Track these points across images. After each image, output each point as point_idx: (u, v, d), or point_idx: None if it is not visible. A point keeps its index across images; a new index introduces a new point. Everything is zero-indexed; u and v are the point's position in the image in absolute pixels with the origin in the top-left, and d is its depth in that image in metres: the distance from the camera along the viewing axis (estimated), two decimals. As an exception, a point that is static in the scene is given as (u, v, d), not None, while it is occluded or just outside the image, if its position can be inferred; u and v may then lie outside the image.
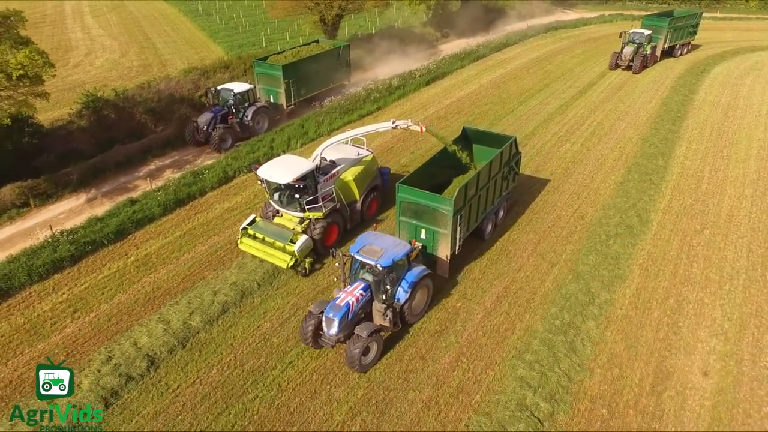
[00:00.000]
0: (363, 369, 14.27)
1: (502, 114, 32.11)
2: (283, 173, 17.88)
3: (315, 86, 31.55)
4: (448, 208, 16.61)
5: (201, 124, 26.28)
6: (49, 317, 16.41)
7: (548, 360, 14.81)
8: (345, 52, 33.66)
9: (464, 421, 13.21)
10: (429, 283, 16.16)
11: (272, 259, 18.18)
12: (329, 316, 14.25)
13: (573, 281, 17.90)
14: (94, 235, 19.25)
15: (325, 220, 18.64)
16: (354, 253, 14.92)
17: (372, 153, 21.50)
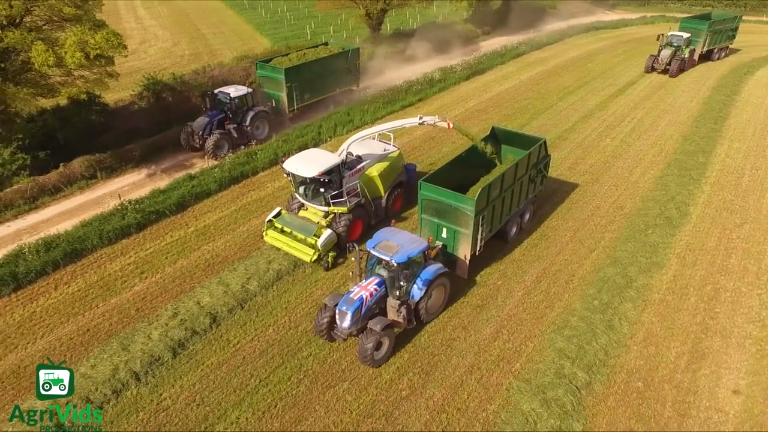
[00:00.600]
0: (375, 364, 14.24)
1: (541, 109, 32.62)
2: (308, 167, 17.81)
3: (320, 91, 30.07)
4: (470, 207, 16.24)
5: (196, 129, 24.79)
6: (119, 276, 17.81)
7: (586, 335, 15.49)
8: (354, 56, 31.87)
9: (505, 385, 14.03)
10: (446, 282, 15.94)
11: (296, 252, 18.24)
12: (342, 309, 14.31)
13: (611, 266, 18.50)
14: (158, 205, 20.65)
15: (349, 214, 18.54)
16: (370, 248, 14.79)
17: (398, 149, 21.38)
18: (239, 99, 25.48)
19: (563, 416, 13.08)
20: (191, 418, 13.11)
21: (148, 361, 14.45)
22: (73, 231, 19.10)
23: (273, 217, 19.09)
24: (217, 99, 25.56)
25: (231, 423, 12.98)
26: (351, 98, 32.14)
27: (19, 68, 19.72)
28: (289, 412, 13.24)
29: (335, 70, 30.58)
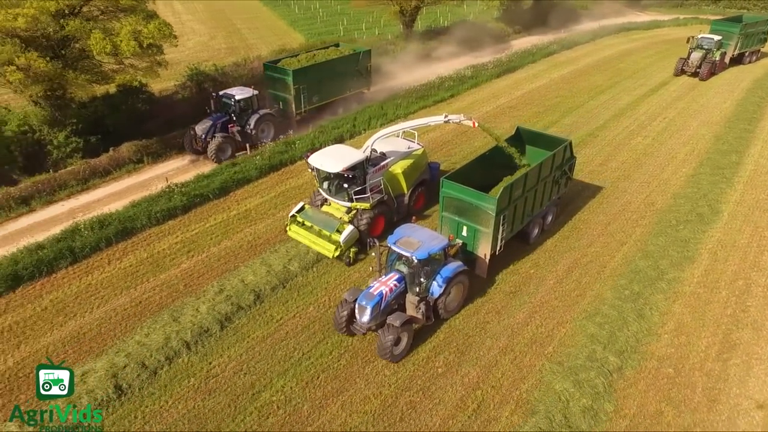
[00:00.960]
0: (394, 359, 14.39)
1: (572, 107, 32.87)
2: (333, 162, 17.96)
3: (329, 93, 29.20)
4: (492, 206, 16.20)
5: (199, 132, 24.18)
6: (168, 254, 18.75)
7: (617, 323, 15.91)
8: (365, 58, 30.90)
9: (538, 366, 14.54)
10: (465, 280, 15.98)
11: (318, 247, 18.46)
12: (362, 304, 14.41)
13: (642, 258, 18.83)
14: (202, 189, 21.58)
15: (371, 211, 18.66)
16: (391, 244, 14.90)
17: (422, 147, 21.31)
18: (244, 101, 24.83)
19: (595, 397, 13.55)
20: (239, 385, 13.89)
21: (198, 332, 15.30)
22: (124, 211, 20.11)
23: (296, 212, 19.35)
24: (222, 101, 24.94)
25: (276, 391, 13.73)
26: (362, 101, 31.45)
27: (77, 55, 20.80)
28: (331, 383, 13.95)
29: (345, 72, 29.75)
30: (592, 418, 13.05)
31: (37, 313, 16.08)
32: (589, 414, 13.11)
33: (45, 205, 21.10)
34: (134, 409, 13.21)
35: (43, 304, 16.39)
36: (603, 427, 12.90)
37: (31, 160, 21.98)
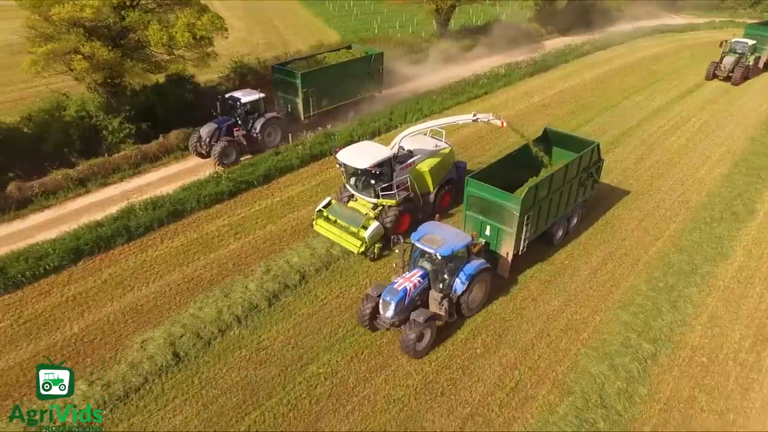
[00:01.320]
0: (417, 355, 14.54)
1: (606, 107, 33.09)
2: (361, 158, 18.21)
3: (339, 97, 28.61)
4: (516, 206, 16.22)
5: (203, 135, 23.71)
6: (216, 236, 19.71)
7: (651, 312, 16.34)
8: (377, 60, 30.18)
9: (573, 351, 15.07)
10: (487, 278, 16.09)
11: (343, 242, 18.64)
12: (386, 299, 14.56)
13: (676, 253, 19.18)
14: (247, 176, 22.52)
15: (397, 208, 18.79)
16: (415, 240, 15.02)
17: (450, 146, 21.32)
18: (250, 105, 24.29)
19: (630, 380, 14.04)
20: (287, 357, 14.72)
21: (247, 308, 16.17)
22: (174, 194, 21.14)
23: (323, 207, 19.60)
24: (228, 104, 24.45)
25: (323, 364, 14.51)
26: (374, 104, 30.71)
27: (135, 45, 21.92)
28: (375, 359, 14.68)
29: (356, 75, 29.14)
30: (627, 400, 13.55)
31: (98, 285, 17.15)
32: (624, 396, 13.62)
33: (100, 186, 22.27)
34: (191, 375, 14.12)
35: (103, 277, 17.46)
36: (637, 410, 13.38)
37: (88, 144, 23.14)
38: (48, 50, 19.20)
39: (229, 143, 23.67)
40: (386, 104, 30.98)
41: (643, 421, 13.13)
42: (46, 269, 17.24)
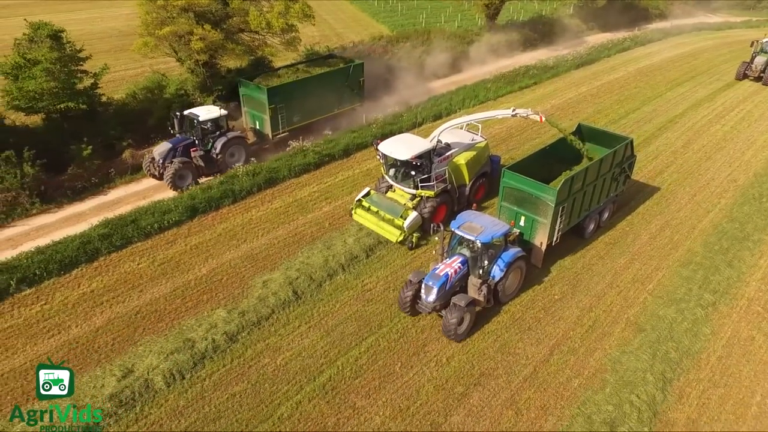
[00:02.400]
0: (458, 338, 15.04)
1: (651, 97, 34.80)
2: (403, 150, 18.71)
3: (313, 112, 26.49)
4: (552, 198, 16.60)
5: (156, 156, 21.86)
6: (309, 200, 22.04)
7: (710, 269, 18.27)
8: (357, 71, 28.02)
9: (641, 299, 17.05)
10: (523, 266, 16.56)
11: (382, 231, 19.24)
12: (429, 284, 15.07)
13: (728, 222, 21.02)
14: (329, 150, 24.86)
15: (435, 199, 19.23)
16: (454, 228, 15.57)
17: (485, 140, 21.79)
18: (210, 123, 22.33)
19: (694, 322, 16.01)
20: (390, 297, 16.91)
21: (349, 258, 18.40)
22: (269, 164, 23.53)
23: (362, 197, 20.18)
24: (186, 122, 22.47)
25: (422, 303, 16.69)
26: (354, 119, 28.60)
27: (235, 29, 24.34)
28: (466, 300, 16.80)
29: (333, 88, 26.93)
30: (693, 336, 15.53)
31: (214, 237, 19.57)
32: (690, 333, 15.60)
33: (195, 159, 24.77)
34: (310, 309, 16.40)
35: (217, 231, 19.88)
36: (702, 345, 15.34)
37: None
38: (168, 32, 21.76)
39: (184, 165, 21.71)
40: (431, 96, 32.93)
41: (709, 353, 15.09)
42: (169, 222, 19.73)
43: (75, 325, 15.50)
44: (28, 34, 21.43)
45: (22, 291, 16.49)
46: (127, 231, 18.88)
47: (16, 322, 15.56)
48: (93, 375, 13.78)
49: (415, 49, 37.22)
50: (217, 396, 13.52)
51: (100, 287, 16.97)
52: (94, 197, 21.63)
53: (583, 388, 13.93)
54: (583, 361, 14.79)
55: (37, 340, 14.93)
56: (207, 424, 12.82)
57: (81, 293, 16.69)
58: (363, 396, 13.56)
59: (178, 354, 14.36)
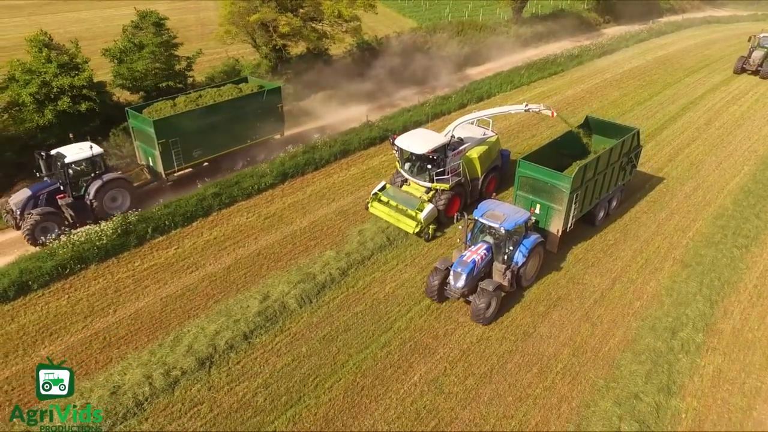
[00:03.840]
0: (486, 321, 15.70)
1: (670, 82, 37.69)
2: (419, 144, 19.34)
3: (220, 146, 22.78)
4: (566, 185, 17.29)
5: (13, 206, 18.71)
6: (380, 168, 24.84)
7: (740, 220, 21.13)
8: (273, 97, 24.21)
9: (684, 242, 19.86)
10: (541, 251, 17.41)
11: (399, 223, 19.78)
12: (457, 271, 15.66)
13: (753, 184, 23.94)
14: (390, 126, 27.63)
15: (449, 192, 19.88)
16: (478, 216, 16.16)
17: (496, 135, 22.53)
18: (84, 164, 19.18)
19: (732, 259, 18.87)
20: (468, 243, 19.69)
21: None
22: (341, 136, 26.36)
23: (378, 190, 20.84)
24: (53, 162, 19.02)
25: (497, 247, 19.47)
26: (274, 150, 25.03)
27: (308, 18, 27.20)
28: (535, 245, 19.60)
29: (243, 117, 23.12)
30: (732, 269, 18.37)
31: (306, 197, 22.38)
32: (729, 267, 18.44)
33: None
34: (402, 252, 19.18)
35: (308, 193, 22.71)
36: (739, 276, 18.13)
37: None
38: (257, 18, 24.59)
39: (46, 216, 18.42)
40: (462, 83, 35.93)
41: (746, 282, 17.92)
42: (265, 185, 22.58)
43: (208, 263, 18.34)
44: (134, 21, 24.23)
45: (156, 238, 19.37)
46: (233, 191, 21.73)
47: (158, 261, 18.41)
48: (236, 299, 16.61)
49: (451, 39, 40.06)
50: (342, 314, 16.32)
51: (220, 236, 19.80)
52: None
53: (644, 307, 16.77)
54: (641, 288, 17.63)
55: (182, 275, 17.76)
56: (339, 333, 15.61)
57: (205, 240, 19.54)
58: (463, 314, 16.35)
59: (303, 284, 17.14)
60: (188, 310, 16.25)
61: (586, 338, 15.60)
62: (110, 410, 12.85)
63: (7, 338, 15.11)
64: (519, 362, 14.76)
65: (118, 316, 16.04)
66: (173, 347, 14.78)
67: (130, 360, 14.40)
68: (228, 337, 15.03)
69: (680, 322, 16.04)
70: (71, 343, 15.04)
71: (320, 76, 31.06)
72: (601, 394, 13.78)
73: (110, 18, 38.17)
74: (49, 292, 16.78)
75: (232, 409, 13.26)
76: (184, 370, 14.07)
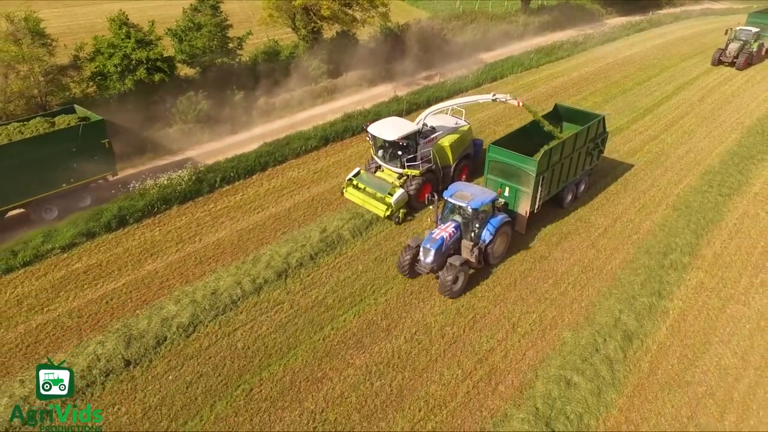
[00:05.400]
0: (454, 295, 16.56)
1: (668, 66, 40.91)
2: (390, 131, 20.02)
3: (19, 192, 19.07)
4: (533, 168, 18.19)
5: None
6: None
7: (725, 175, 24.42)
8: (94, 132, 20.14)
9: (676, 192, 23.09)
10: (508, 231, 18.20)
11: (371, 207, 20.52)
12: (426, 247, 16.55)
13: (738, 148, 27.19)
14: (416, 101, 30.78)
15: (420, 177, 20.59)
16: (447, 196, 17.05)
17: (468, 124, 23.24)
18: None
19: (716, 203, 22.18)
20: (490, 193, 22.94)
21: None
22: (372, 108, 29.58)
23: (353, 176, 21.60)
24: None
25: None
26: (104, 192, 21.24)
27: (345, 3, 30.46)
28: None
29: (54, 156, 19.34)
30: (716, 212, 21.68)
31: (347, 157, 25.60)
32: (713, 210, 21.76)
33: (309, 107, 30.82)
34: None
35: (347, 154, 25.93)
36: (721, 217, 21.38)
37: (296, 79, 31.75)
38: (301, 3, 27.84)
39: None
40: (478, 66, 39.18)
41: (727, 221, 21.22)
42: (310, 146, 25.84)
43: (271, 206, 21.62)
44: (193, 5, 27.50)
45: (224, 187, 22.65)
46: (284, 150, 25.00)
47: (228, 204, 21.71)
48: (300, 231, 19.88)
49: (466, 26, 43.30)
50: (388, 243, 19.56)
51: (278, 186, 23.08)
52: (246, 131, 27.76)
53: (641, 238, 20.05)
54: (639, 225, 20.91)
55: (251, 214, 21.05)
56: (388, 256, 18.81)
57: (265, 189, 22.82)
58: (489, 243, 19.58)
59: (354, 220, 20.37)
60: (261, 239, 19.55)
61: (592, 260, 18.90)
62: (212, 305, 16.18)
63: (117, 257, 18.45)
64: (537, 276, 18.07)
65: (204, 243, 19.36)
66: (254, 264, 18.07)
67: (220, 273, 17.71)
68: (298, 257, 18.35)
69: (670, 248, 19.35)
70: (169, 261, 18.36)
71: (350, 58, 34.28)
72: (605, 297, 17.10)
73: (162, 7, 41.48)
74: (142, 225, 20.11)
75: (308, 306, 16.55)
76: (266, 279, 17.37)
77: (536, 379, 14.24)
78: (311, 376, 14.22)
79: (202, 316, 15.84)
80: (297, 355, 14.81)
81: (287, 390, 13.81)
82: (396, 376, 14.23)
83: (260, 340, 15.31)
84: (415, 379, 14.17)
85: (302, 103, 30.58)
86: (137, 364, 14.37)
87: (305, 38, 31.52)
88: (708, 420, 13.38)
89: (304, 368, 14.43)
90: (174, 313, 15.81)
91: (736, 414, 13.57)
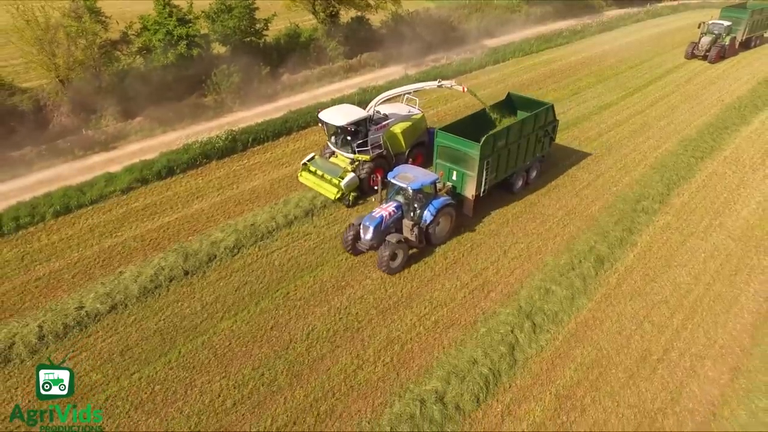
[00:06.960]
0: (391, 271, 17.28)
1: (660, 52, 43.69)
2: (339, 118, 20.72)
3: None
4: (476, 152, 18.75)
5: None
6: (418, 107, 31.16)
7: (699, 141, 27.32)
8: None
9: (654, 156, 26.02)
10: (452, 213, 18.73)
11: (322, 190, 21.17)
12: (366, 224, 17.30)
13: (716, 120, 29.99)
14: (424, 79, 33.82)
15: (371, 162, 21.24)
16: (390, 178, 17.86)
17: (422, 113, 23.97)
18: None
19: (688, 164, 25.06)
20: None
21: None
22: (385, 84, 32.62)
23: (307, 161, 22.35)
24: None
25: (511, 157, 25.77)
26: None
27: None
28: (540, 155, 25.87)
29: None
30: (688, 170, 24.55)
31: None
32: (685, 169, 24.63)
33: (327, 84, 33.93)
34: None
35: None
36: (693, 174, 24.27)
37: (316, 58, 34.89)
38: (322, -13, 31.02)
39: None
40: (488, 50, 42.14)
41: (697, 177, 24.15)
42: (329, 116, 28.92)
43: (297, 162, 24.58)
44: (224, -12, 30.77)
45: (255, 147, 25.83)
46: (306, 117, 28.09)
47: (260, 160, 24.91)
48: (323, 181, 23.02)
49: (471, 14, 46.28)
50: (399, 192, 22.67)
51: (301, 147, 26.22)
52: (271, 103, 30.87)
53: (619, 191, 23.00)
54: (619, 180, 23.93)
55: (280, 168, 24.23)
56: (399, 202, 21.95)
57: (291, 149, 25.99)
58: (487, 193, 22.65)
59: (369, 174, 23.52)
60: (290, 187, 22.69)
61: (575, 206, 21.93)
62: (252, 234, 19.36)
63: (167, 199, 21.70)
64: (527, 217, 21.12)
65: (240, 189, 22.56)
66: (285, 204, 21.21)
67: (257, 211, 20.89)
68: (322, 200, 21.47)
69: (643, 196, 22.37)
70: (212, 202, 21.58)
71: (364, 41, 37.40)
72: (584, 232, 20.15)
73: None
74: (187, 175, 23.35)
75: (332, 236, 19.68)
76: (296, 216, 20.52)
77: (521, 288, 17.33)
78: (336, 284, 17.39)
79: (245, 241, 19.04)
80: (324, 270, 17.98)
81: (317, 293, 16.99)
82: (406, 285, 17.35)
83: (293, 259, 18.49)
84: (422, 287, 17.30)
85: (321, 80, 33.71)
86: (194, 274, 17.61)
87: (323, 21, 34.60)
88: (660, 319, 16.39)
89: (330, 278, 17.60)
90: (221, 238, 19.01)
91: (683, 315, 16.58)
